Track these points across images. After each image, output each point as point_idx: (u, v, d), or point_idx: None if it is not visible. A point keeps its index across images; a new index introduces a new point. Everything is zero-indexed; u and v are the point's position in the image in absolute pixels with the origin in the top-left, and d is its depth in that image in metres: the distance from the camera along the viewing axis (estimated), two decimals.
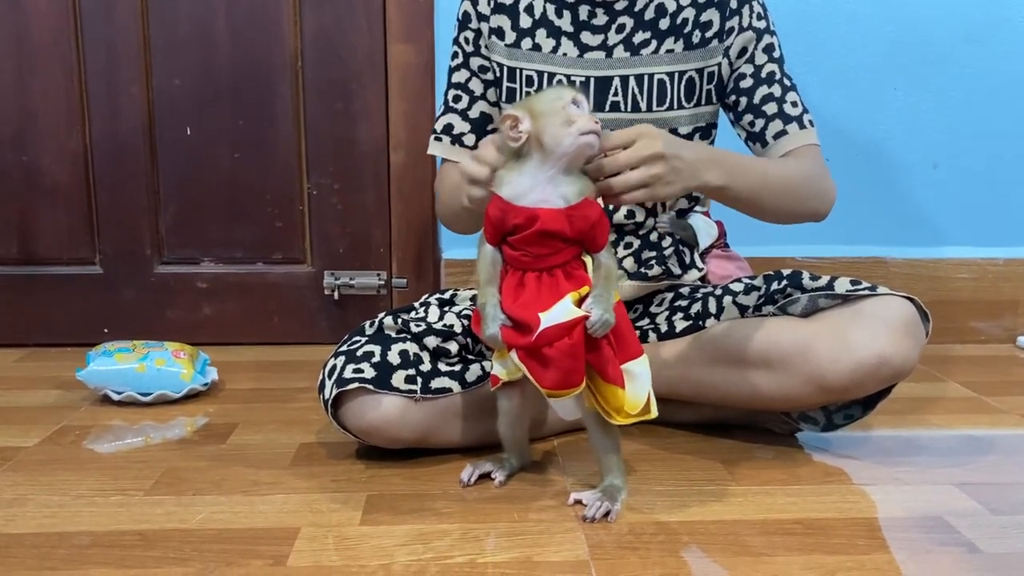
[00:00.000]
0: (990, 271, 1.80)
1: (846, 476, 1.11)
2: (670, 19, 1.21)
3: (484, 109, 1.29)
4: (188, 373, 1.40)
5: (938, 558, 0.89)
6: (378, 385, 1.08)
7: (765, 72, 1.22)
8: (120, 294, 1.74)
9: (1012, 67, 1.75)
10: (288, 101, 1.69)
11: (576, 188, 0.93)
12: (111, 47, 1.65)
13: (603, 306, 0.91)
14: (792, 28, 1.69)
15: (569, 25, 1.23)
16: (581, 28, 1.23)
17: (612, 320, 0.92)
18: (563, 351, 0.90)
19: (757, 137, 1.22)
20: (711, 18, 1.21)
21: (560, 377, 0.91)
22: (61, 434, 1.25)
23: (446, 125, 1.29)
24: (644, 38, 1.22)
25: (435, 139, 1.30)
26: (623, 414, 0.95)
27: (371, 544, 0.91)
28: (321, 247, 1.75)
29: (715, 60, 1.22)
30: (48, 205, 1.70)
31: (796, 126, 1.21)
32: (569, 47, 1.23)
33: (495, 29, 1.26)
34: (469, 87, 1.28)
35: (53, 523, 0.96)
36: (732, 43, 1.21)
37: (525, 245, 0.93)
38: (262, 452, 1.18)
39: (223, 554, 0.89)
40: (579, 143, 0.91)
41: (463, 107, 1.28)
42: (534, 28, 1.24)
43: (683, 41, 1.21)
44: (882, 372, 1.06)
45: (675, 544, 0.92)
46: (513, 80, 1.25)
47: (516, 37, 1.25)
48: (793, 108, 1.22)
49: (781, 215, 1.18)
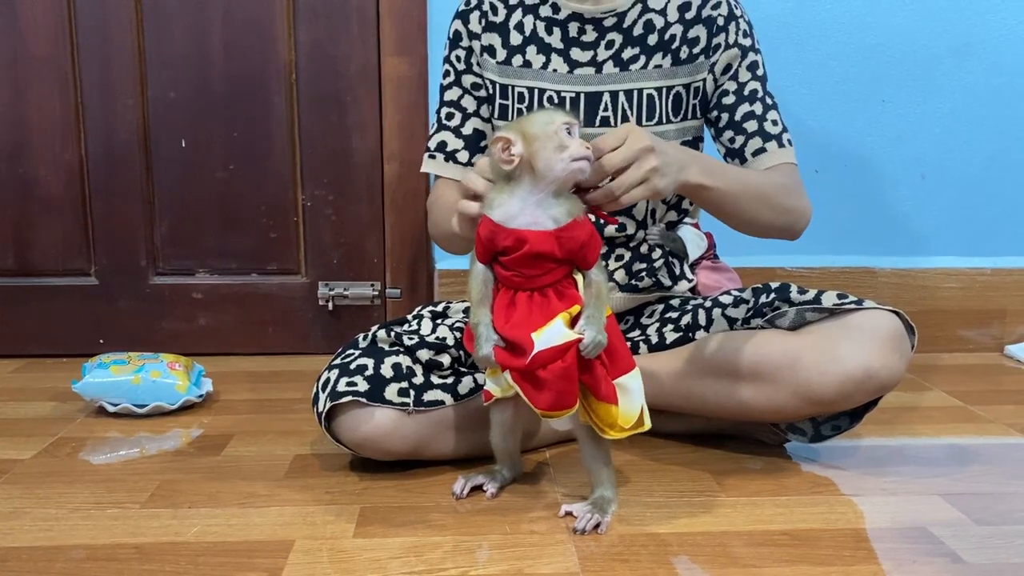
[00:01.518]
0: (978, 280, 1.82)
1: (834, 486, 1.13)
2: (658, 35, 1.23)
3: (477, 126, 1.30)
4: (183, 385, 1.40)
5: (922, 569, 0.91)
6: (371, 398, 1.09)
7: (748, 90, 1.24)
8: (115, 305, 1.75)
9: (999, 79, 1.77)
10: (282, 113, 1.70)
11: (565, 209, 0.94)
12: (107, 59, 1.66)
13: (596, 327, 0.93)
14: (781, 40, 1.71)
15: (559, 42, 1.24)
16: (571, 44, 1.24)
17: (604, 341, 0.93)
18: (557, 374, 0.91)
19: (736, 153, 1.24)
20: (698, 34, 1.23)
21: (554, 399, 0.92)
22: (57, 446, 1.26)
23: (439, 143, 1.30)
24: (633, 54, 1.23)
25: (429, 157, 1.31)
26: (616, 428, 0.96)
27: (365, 556, 0.93)
28: (315, 258, 1.76)
29: (701, 76, 1.23)
30: (44, 216, 1.71)
31: (775, 144, 1.23)
32: (559, 63, 1.24)
33: (487, 47, 1.27)
34: (462, 104, 1.30)
35: (49, 536, 0.97)
36: (717, 60, 1.23)
37: (516, 266, 0.94)
38: (257, 464, 1.19)
39: (219, 567, 0.90)
40: (571, 168, 0.92)
41: (456, 124, 1.30)
42: (524, 45, 1.25)
43: (671, 57, 1.23)
44: (869, 385, 1.08)
45: (665, 555, 0.93)
46: (505, 97, 1.27)
47: (507, 55, 1.26)
48: (773, 127, 1.23)
49: (757, 226, 1.19)
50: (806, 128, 1.75)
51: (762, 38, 1.28)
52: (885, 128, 1.77)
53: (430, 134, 1.32)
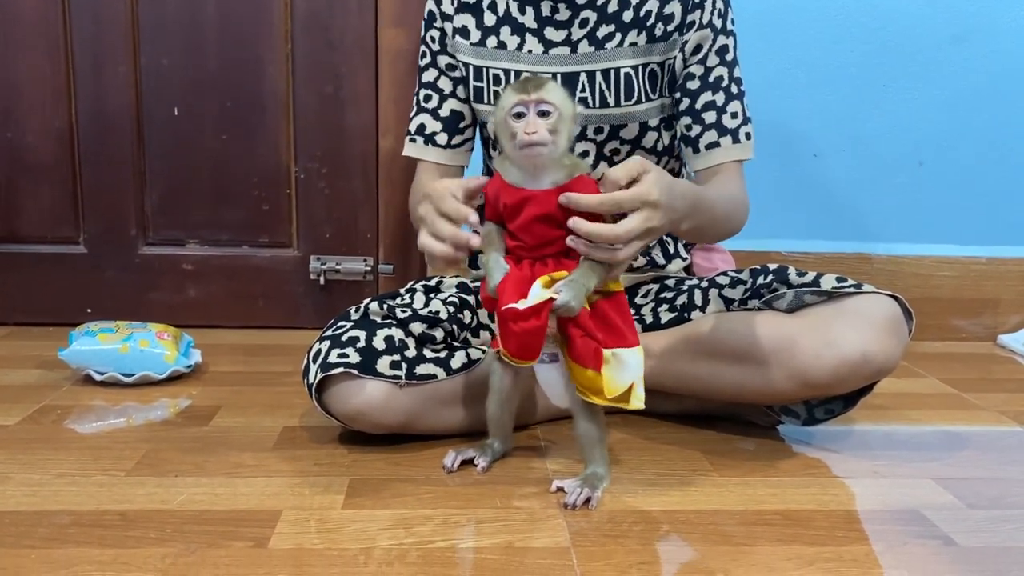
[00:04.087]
0: (973, 269, 1.82)
1: (826, 469, 1.12)
2: (633, 11, 1.20)
3: (454, 107, 1.28)
4: (171, 355, 1.39)
5: (914, 550, 0.90)
6: (363, 370, 1.08)
7: (713, 76, 1.21)
8: (104, 274, 1.73)
9: (999, 66, 1.76)
10: (277, 84, 1.68)
11: (564, 172, 0.94)
12: (98, 24, 1.63)
13: (572, 292, 0.92)
14: (781, 24, 1.69)
15: (533, 21, 1.22)
16: (545, 24, 1.22)
17: (575, 306, 0.93)
18: (527, 329, 0.92)
19: (691, 142, 1.22)
20: (673, 11, 1.20)
21: (518, 348, 0.94)
22: (42, 413, 1.24)
23: (419, 125, 1.29)
24: (608, 31, 1.21)
25: (409, 140, 1.30)
26: (600, 396, 0.96)
27: (353, 528, 0.92)
28: (308, 231, 1.74)
29: (674, 53, 1.21)
30: (32, 183, 1.69)
31: (730, 139, 1.21)
32: (534, 44, 1.22)
33: (459, 28, 1.25)
34: (438, 86, 1.28)
35: (33, 501, 0.96)
36: (689, 38, 1.20)
37: (521, 233, 0.95)
38: (245, 435, 1.18)
39: (204, 535, 0.89)
40: (523, 155, 0.92)
41: (433, 106, 1.28)
42: (498, 26, 1.23)
43: (646, 34, 1.20)
44: (865, 369, 1.07)
45: (656, 532, 0.93)
46: (480, 79, 1.25)
47: (481, 35, 1.24)
48: (732, 120, 1.21)
49: (706, 241, 1.26)
50: (804, 112, 1.74)
51: (762, 20, 1.27)
52: (884, 114, 1.76)
53: (410, 116, 1.31)
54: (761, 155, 1.72)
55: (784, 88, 1.73)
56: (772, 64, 1.70)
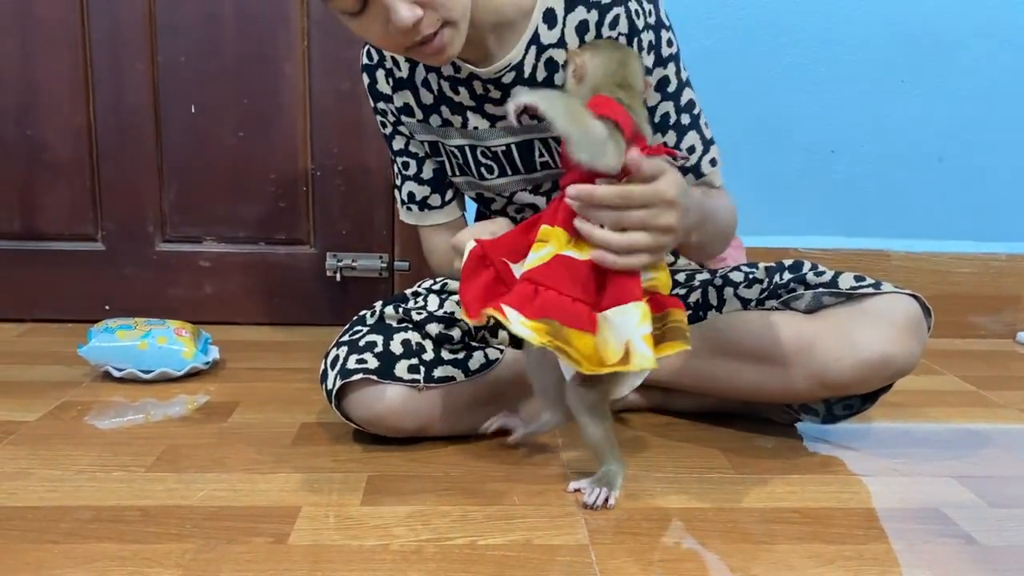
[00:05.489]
0: (992, 266, 1.80)
1: (845, 466, 1.11)
2: (563, 69, 1.11)
3: (435, 166, 1.24)
4: (190, 351, 1.40)
5: (935, 549, 0.90)
6: (382, 375, 1.07)
7: (659, 115, 1.13)
8: (122, 271, 1.74)
9: (1020, 62, 1.74)
10: (293, 80, 1.68)
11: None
12: (116, 22, 1.64)
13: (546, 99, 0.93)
14: (801, 19, 1.68)
15: (469, 99, 1.15)
16: (482, 101, 1.14)
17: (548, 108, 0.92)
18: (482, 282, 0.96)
19: None
20: None
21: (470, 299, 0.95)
22: (62, 409, 1.25)
23: (408, 193, 1.25)
24: None
25: (405, 208, 1.27)
26: (593, 362, 0.90)
27: (371, 524, 0.92)
28: (324, 228, 1.75)
29: None
30: (51, 180, 1.70)
31: (693, 177, 1.15)
32: (478, 120, 1.15)
33: (401, 107, 1.19)
34: (410, 150, 1.24)
35: (55, 497, 0.97)
36: None
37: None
38: (263, 431, 1.18)
39: (224, 531, 0.90)
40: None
41: (414, 172, 1.24)
42: (437, 104, 1.17)
43: None
44: (885, 371, 1.06)
45: (675, 530, 0.92)
46: (439, 154, 1.21)
47: (423, 114, 1.18)
48: (691, 154, 1.14)
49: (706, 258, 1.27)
50: (822, 108, 1.72)
51: (780, 14, 1.24)
52: (904, 108, 1.75)
53: (396, 183, 1.27)
54: (778, 151, 1.72)
55: (801, 82, 1.72)
56: (789, 58, 1.69)
